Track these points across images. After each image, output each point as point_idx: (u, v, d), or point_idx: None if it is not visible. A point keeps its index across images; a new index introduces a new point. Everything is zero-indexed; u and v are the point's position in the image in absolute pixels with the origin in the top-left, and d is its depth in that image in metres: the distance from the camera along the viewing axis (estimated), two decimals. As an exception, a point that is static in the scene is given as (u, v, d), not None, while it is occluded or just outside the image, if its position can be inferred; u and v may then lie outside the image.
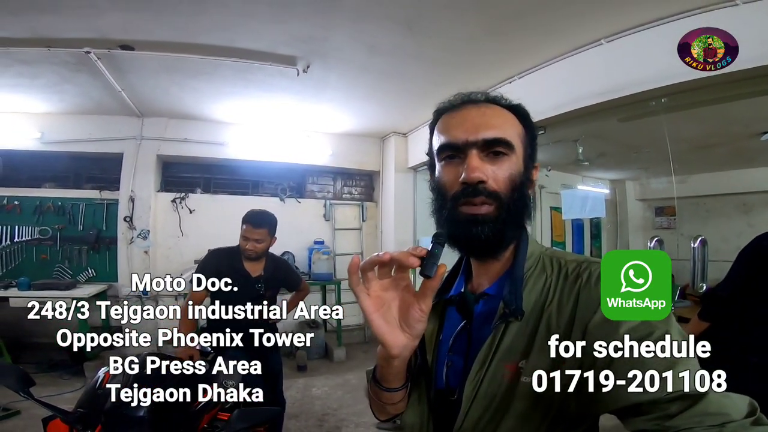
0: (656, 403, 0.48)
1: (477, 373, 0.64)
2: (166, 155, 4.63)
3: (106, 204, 4.49)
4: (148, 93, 3.74)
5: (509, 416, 0.61)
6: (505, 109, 0.69)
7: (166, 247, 4.70)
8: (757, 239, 1.70)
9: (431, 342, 0.75)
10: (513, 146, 0.65)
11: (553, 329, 0.60)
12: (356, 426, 3.03)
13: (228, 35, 2.60)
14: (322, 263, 4.78)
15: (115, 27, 2.51)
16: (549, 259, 0.68)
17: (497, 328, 0.63)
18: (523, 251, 0.68)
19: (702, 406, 0.47)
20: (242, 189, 5.21)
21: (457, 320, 0.72)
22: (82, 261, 4.40)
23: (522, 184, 0.66)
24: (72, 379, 3.65)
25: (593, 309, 0.58)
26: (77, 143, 4.31)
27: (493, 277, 0.70)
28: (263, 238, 2.28)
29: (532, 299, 0.64)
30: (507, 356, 0.62)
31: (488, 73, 3.16)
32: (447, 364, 0.72)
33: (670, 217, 6.33)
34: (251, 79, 3.34)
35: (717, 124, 3.74)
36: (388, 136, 5.18)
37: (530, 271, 0.67)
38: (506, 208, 0.64)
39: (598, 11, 2.34)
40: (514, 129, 0.67)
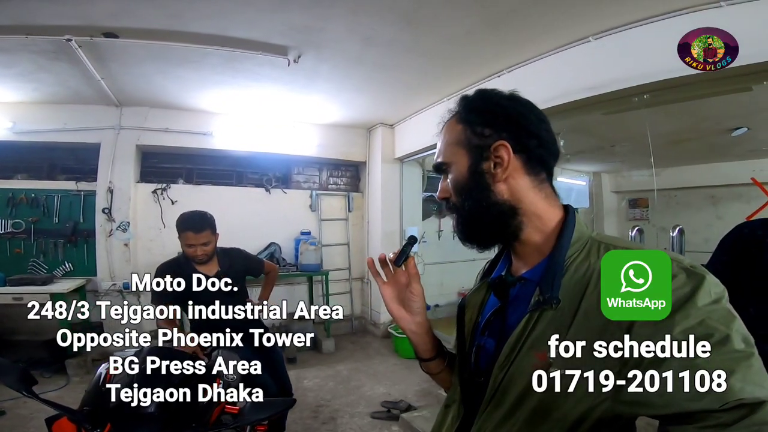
0: (710, 411, 0.45)
1: (506, 358, 0.63)
2: (147, 145, 4.47)
3: (82, 195, 4.31)
4: (130, 82, 3.59)
5: (534, 406, 0.59)
6: (451, 122, 0.74)
7: (148, 240, 4.56)
8: (738, 228, 1.72)
9: (470, 324, 0.77)
10: (449, 163, 0.72)
11: (592, 320, 0.57)
12: (351, 416, 3.05)
13: (221, 23, 2.52)
14: (310, 254, 4.76)
15: (101, 13, 2.40)
16: (597, 244, 0.64)
17: (530, 314, 0.62)
18: (568, 235, 0.65)
19: (761, 415, 0.43)
20: (226, 179, 5.10)
21: (496, 303, 0.73)
22: (58, 255, 4.22)
23: (469, 183, 0.69)
24: (54, 377, 3.53)
25: None
26: (51, 133, 4.10)
27: (534, 261, 0.69)
28: (208, 239, 2.20)
29: (571, 287, 0.61)
30: (538, 345, 0.60)
31: (480, 66, 3.20)
32: (477, 346, 0.73)
33: (643, 209, 6.61)
34: (239, 69, 3.25)
35: (690, 120, 3.92)
36: (375, 127, 5.17)
37: (573, 257, 0.63)
38: (461, 212, 0.71)
39: (588, 9, 2.39)
40: (453, 140, 0.71)
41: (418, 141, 4.57)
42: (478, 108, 0.71)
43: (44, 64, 3.12)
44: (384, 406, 3.15)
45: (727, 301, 0.53)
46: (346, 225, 5.52)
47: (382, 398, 3.31)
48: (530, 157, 0.68)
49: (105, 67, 3.21)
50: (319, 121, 4.92)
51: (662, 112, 3.38)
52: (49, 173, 4.40)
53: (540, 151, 0.68)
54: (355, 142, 5.32)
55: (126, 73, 3.37)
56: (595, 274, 0.60)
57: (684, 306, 0.52)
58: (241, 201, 4.87)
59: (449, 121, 0.74)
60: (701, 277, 0.54)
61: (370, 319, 5.35)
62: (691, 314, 0.51)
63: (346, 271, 5.46)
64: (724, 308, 0.52)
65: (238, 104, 4.23)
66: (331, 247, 5.34)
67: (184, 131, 4.47)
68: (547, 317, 0.61)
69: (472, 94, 0.73)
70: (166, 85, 3.68)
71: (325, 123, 4.97)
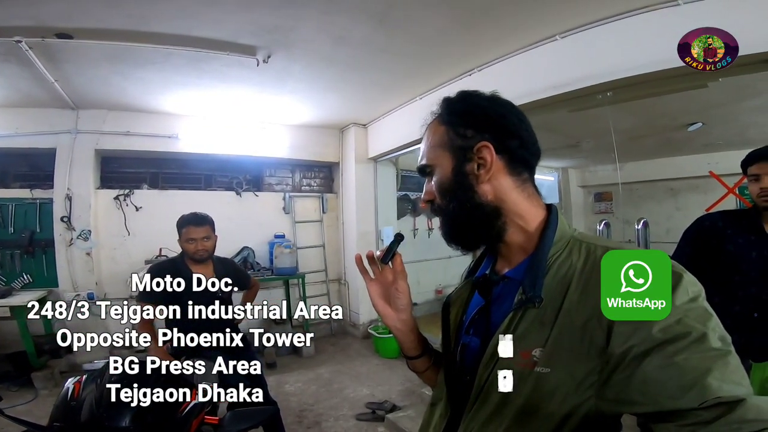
0: (690, 409, 0.46)
1: (491, 357, 0.63)
2: (106, 149, 4.27)
3: (38, 203, 4.09)
4: (86, 84, 3.41)
5: (521, 405, 0.59)
6: (433, 124, 0.74)
7: (111, 248, 4.37)
8: (699, 220, 1.81)
9: (455, 321, 0.77)
10: (432, 165, 0.72)
11: (574, 319, 0.57)
12: (335, 419, 3.02)
13: (186, 23, 2.43)
14: (285, 257, 4.69)
15: (54, 14, 2.28)
16: (578, 243, 0.65)
17: (514, 313, 0.63)
18: (551, 234, 0.66)
19: (740, 413, 0.44)
20: (194, 183, 4.95)
21: (480, 302, 0.73)
22: (15, 266, 3.98)
23: (453, 185, 0.69)
24: (21, 390, 3.36)
25: None
26: (1, 139, 3.86)
27: (517, 260, 0.69)
28: (209, 234, 2.26)
29: (554, 286, 0.61)
30: (521, 343, 0.61)
31: (452, 65, 3.24)
32: (462, 344, 0.73)
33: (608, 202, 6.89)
34: (206, 69, 3.15)
35: (648, 116, 4.11)
36: (347, 127, 5.14)
37: (556, 256, 0.64)
38: (446, 214, 0.71)
39: (556, 8, 2.45)
40: (436, 141, 0.71)
41: (391, 140, 4.58)
42: (459, 110, 0.71)
43: (-9, 66, 2.94)
44: (368, 408, 3.14)
45: (704, 299, 0.54)
46: (321, 226, 5.46)
47: (366, 399, 3.30)
48: (512, 157, 0.68)
49: (59, 68, 3.05)
50: (290, 122, 4.85)
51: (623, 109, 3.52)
52: (1, 181, 4.15)
53: (522, 152, 0.69)
54: (328, 142, 5.28)
55: (82, 74, 3.21)
56: (577, 273, 0.60)
57: None
58: (210, 205, 4.67)
59: (432, 123, 0.74)
60: (679, 276, 0.55)
61: (349, 321, 5.32)
62: (669, 312, 0.51)
63: (322, 273, 5.40)
64: (701, 306, 0.53)
65: (206, 106, 4.11)
66: (306, 249, 5.27)
67: (147, 134, 4.31)
68: (531, 316, 0.61)
69: (454, 96, 0.73)
70: (125, 87, 3.53)
71: (297, 124, 4.90)
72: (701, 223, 1.79)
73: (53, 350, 3.91)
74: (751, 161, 1.63)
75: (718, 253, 1.68)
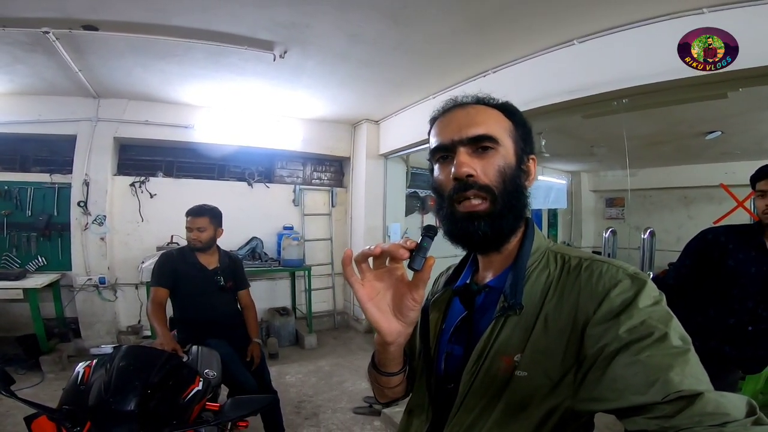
0: (654, 403, 0.48)
1: (474, 364, 0.65)
2: (125, 137, 4.36)
3: (57, 188, 4.19)
4: (109, 74, 3.49)
5: (503, 408, 0.62)
6: (492, 108, 0.72)
7: (125, 234, 4.47)
8: (702, 233, 1.82)
9: (435, 330, 0.78)
10: (498, 140, 0.67)
11: (551, 325, 0.61)
12: (333, 412, 3.07)
13: (206, 17, 2.47)
14: (292, 249, 4.74)
15: (81, 6, 2.33)
16: (554, 254, 0.69)
17: (496, 320, 0.65)
18: (528, 245, 0.69)
19: (699, 406, 0.46)
20: (208, 173, 5.02)
21: (461, 311, 0.74)
22: (31, 249, 4.10)
23: (515, 175, 0.68)
24: (29, 374, 3.44)
25: (593, 307, 0.58)
26: (24, 125, 3.96)
27: (498, 270, 0.72)
28: (205, 226, 2.39)
29: (533, 294, 0.64)
30: (503, 349, 0.63)
31: (465, 66, 3.23)
32: (447, 353, 0.74)
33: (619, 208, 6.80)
34: (224, 63, 3.20)
35: (666, 123, 4.05)
36: (360, 123, 5.17)
37: (534, 266, 0.67)
38: (500, 201, 0.66)
39: (573, 13, 2.43)
40: (501, 125, 0.69)
41: (402, 138, 4.59)
42: (521, 121, 0.74)
43: (20, 55, 3.03)
44: (366, 402, 3.18)
45: (665, 303, 0.57)
46: (329, 220, 5.51)
47: (365, 393, 3.34)
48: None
49: (83, 59, 3.13)
50: (303, 116, 4.89)
51: (640, 115, 3.47)
52: (22, 165, 4.26)
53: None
54: (340, 137, 5.31)
55: (105, 65, 3.28)
56: (554, 281, 0.64)
57: (628, 308, 0.55)
58: (222, 195, 4.80)
59: (489, 107, 0.72)
60: (643, 282, 0.58)
61: (352, 315, 5.37)
62: (633, 315, 0.54)
63: (328, 266, 5.46)
64: (663, 309, 0.56)
65: (222, 98, 4.17)
66: (313, 242, 5.33)
67: (164, 124, 4.38)
68: (512, 322, 0.64)
69: (506, 103, 0.75)
70: (146, 78, 3.60)
71: (310, 118, 4.94)
72: (704, 237, 1.80)
73: (63, 334, 4.03)
74: (759, 177, 1.63)
75: (718, 266, 1.68)
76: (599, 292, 0.59)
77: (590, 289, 0.60)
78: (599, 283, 0.60)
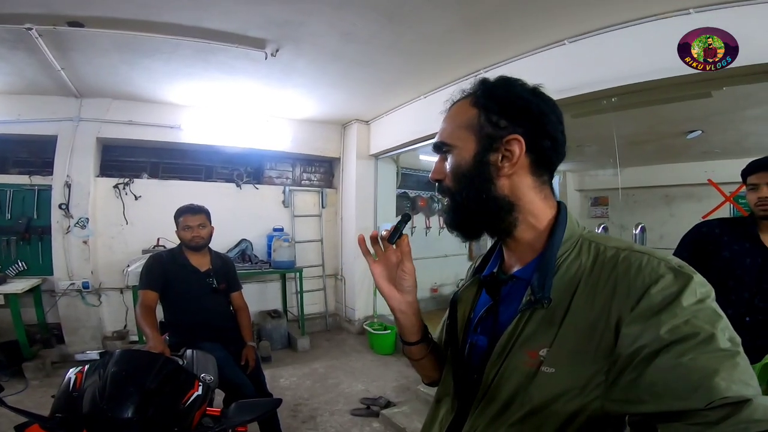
0: (696, 409, 0.45)
1: (498, 358, 0.64)
2: (108, 138, 4.24)
3: (37, 190, 4.05)
4: (92, 72, 3.38)
5: (527, 405, 0.59)
6: (462, 101, 0.71)
7: (109, 237, 4.34)
8: (697, 226, 1.86)
9: (462, 319, 0.77)
10: (451, 144, 0.69)
11: (581, 320, 0.57)
12: (331, 414, 3.03)
13: (196, 14, 2.42)
14: (283, 251, 4.68)
15: (66, 2, 2.26)
16: (588, 243, 0.64)
17: (522, 314, 0.62)
18: (560, 234, 0.65)
19: (747, 413, 0.43)
20: (194, 174, 4.92)
21: (488, 300, 0.73)
22: (11, 253, 3.95)
23: (471, 172, 0.66)
24: (12, 381, 3.32)
25: (631, 304, 0.54)
26: (3, 125, 3.81)
27: (524, 259, 0.69)
28: (204, 222, 2.36)
29: (562, 286, 0.60)
30: (529, 343, 0.61)
31: (458, 65, 3.24)
32: (471, 343, 0.73)
33: (603, 207, 6.94)
34: (212, 61, 3.14)
35: (649, 122, 4.13)
36: (350, 123, 5.15)
37: (565, 256, 0.63)
38: (457, 198, 0.69)
39: (565, 13, 2.46)
40: (461, 121, 0.68)
41: (393, 138, 4.59)
42: (499, 96, 0.67)
43: (2, 53, 2.91)
44: (363, 403, 3.15)
45: (713, 300, 0.53)
46: (320, 221, 5.47)
47: (361, 395, 3.31)
48: (540, 157, 0.66)
49: (66, 56, 3.03)
50: (293, 116, 4.84)
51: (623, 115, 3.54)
52: (0, 167, 4.11)
53: (551, 153, 0.67)
54: (330, 137, 5.28)
55: (88, 63, 3.18)
56: (586, 274, 0.60)
57: (670, 305, 0.51)
58: (210, 197, 4.70)
59: (461, 101, 0.71)
60: (688, 277, 0.54)
61: (344, 316, 5.34)
62: (677, 314, 0.50)
63: (319, 267, 5.41)
64: (710, 308, 0.52)
65: (210, 97, 4.09)
66: (304, 243, 5.28)
67: (149, 124, 4.28)
68: (539, 316, 0.61)
69: (495, 80, 0.69)
70: (131, 77, 3.50)
71: (300, 118, 4.90)
72: (699, 229, 1.84)
73: (45, 340, 3.89)
74: (750, 171, 1.67)
75: (714, 258, 1.72)
76: (638, 287, 0.54)
77: (627, 283, 0.55)
78: (638, 277, 0.55)
